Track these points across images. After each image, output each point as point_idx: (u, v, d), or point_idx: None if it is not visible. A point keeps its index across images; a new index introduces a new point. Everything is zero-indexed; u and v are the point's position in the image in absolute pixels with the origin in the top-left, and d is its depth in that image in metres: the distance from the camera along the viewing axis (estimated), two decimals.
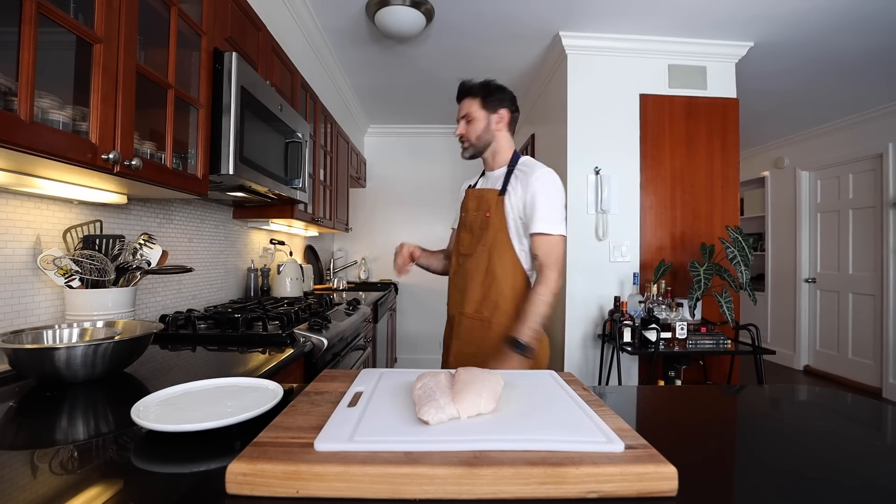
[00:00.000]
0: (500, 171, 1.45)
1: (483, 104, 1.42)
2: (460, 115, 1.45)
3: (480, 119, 1.42)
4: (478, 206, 1.43)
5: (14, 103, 0.78)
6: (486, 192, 1.42)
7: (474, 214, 1.43)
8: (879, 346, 3.93)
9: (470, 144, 1.44)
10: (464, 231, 1.47)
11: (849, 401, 0.90)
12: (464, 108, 1.44)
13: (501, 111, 1.43)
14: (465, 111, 1.43)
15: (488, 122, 1.42)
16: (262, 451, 0.50)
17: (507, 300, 1.37)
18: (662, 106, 2.87)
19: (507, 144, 1.46)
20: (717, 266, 2.55)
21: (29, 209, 1.15)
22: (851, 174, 4.26)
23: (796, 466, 0.57)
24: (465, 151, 1.47)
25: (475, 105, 1.42)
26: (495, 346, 1.33)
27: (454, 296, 1.48)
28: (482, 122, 1.42)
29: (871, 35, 2.65)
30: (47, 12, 0.81)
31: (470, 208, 1.46)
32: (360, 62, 3.19)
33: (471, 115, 1.42)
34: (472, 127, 1.42)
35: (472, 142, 1.43)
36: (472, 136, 1.43)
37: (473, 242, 1.42)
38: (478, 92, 1.43)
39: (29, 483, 0.53)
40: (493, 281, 1.38)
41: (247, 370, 1.10)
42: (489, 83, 1.45)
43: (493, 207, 1.39)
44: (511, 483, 0.46)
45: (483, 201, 1.42)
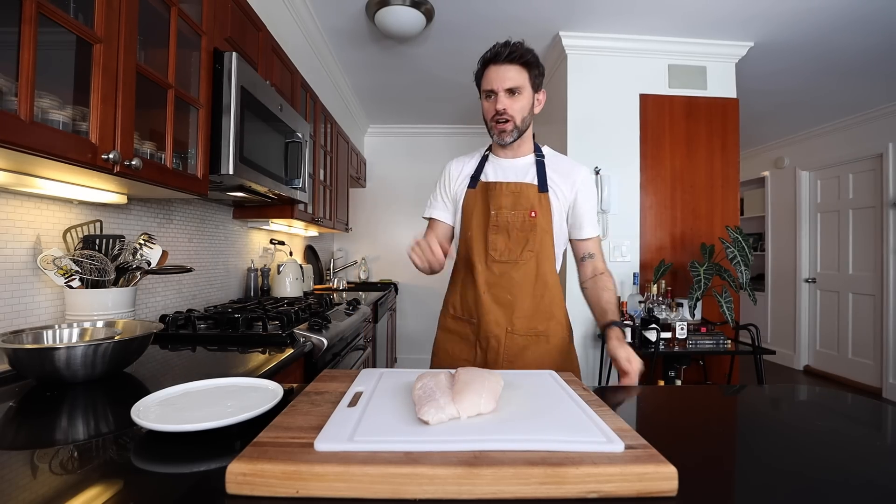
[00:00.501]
0: (525, 161, 1.26)
1: (532, 79, 1.18)
2: (503, 85, 1.15)
3: (528, 96, 1.18)
4: (515, 203, 1.21)
5: (14, 103, 0.78)
6: (525, 188, 1.21)
7: (511, 214, 1.21)
8: (879, 346, 3.93)
9: (515, 125, 1.19)
10: (495, 233, 1.22)
11: (849, 401, 0.90)
12: (511, 78, 1.15)
13: (542, 92, 1.24)
14: (515, 82, 1.15)
15: (532, 103, 1.21)
16: (262, 451, 0.50)
17: (560, 308, 1.28)
18: (662, 106, 2.87)
19: (531, 131, 1.28)
20: (717, 266, 2.55)
21: (29, 209, 1.15)
22: (851, 174, 4.25)
23: (796, 466, 0.57)
24: (505, 135, 1.19)
25: (525, 77, 1.17)
26: (556, 361, 1.22)
27: (493, 312, 1.21)
28: (528, 100, 1.19)
29: (870, 35, 2.65)
30: (47, 12, 0.81)
31: (504, 206, 1.22)
32: (360, 62, 3.19)
33: (521, 89, 1.16)
34: (518, 103, 1.17)
35: (518, 123, 1.19)
36: (519, 114, 1.18)
37: (515, 247, 1.21)
38: (532, 62, 1.18)
39: (29, 483, 0.53)
40: (545, 289, 1.23)
41: (247, 370, 1.09)
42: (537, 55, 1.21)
43: (537, 206, 1.21)
44: (511, 483, 0.46)
45: (523, 198, 1.21)
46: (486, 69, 1.18)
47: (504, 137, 1.20)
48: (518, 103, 1.17)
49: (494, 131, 1.21)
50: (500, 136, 1.21)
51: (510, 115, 1.17)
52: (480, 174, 1.29)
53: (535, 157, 1.27)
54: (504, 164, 1.28)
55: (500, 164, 1.28)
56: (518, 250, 1.22)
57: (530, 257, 1.21)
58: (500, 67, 1.15)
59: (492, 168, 1.29)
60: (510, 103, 1.17)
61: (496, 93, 1.16)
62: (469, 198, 1.28)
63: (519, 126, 1.19)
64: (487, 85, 1.18)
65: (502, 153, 1.28)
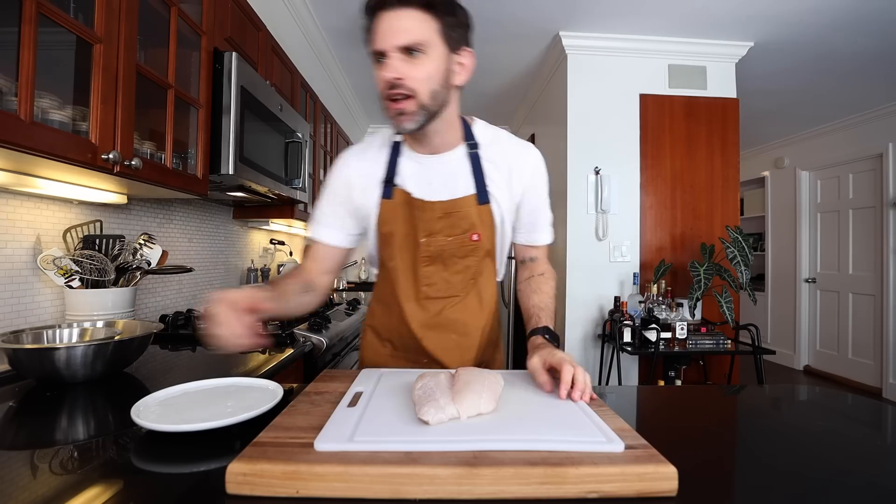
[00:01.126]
0: (454, 157, 0.92)
1: (445, 31, 0.80)
2: (395, 40, 0.77)
3: (437, 58, 0.79)
4: (451, 226, 0.92)
5: (14, 103, 0.78)
6: (461, 205, 0.91)
7: (447, 241, 0.93)
8: (879, 346, 3.93)
9: (420, 104, 0.80)
10: (428, 265, 0.95)
11: (849, 401, 0.90)
12: (406, 29, 0.77)
13: (466, 52, 0.85)
14: (413, 36, 0.77)
15: (448, 67, 0.82)
16: (262, 451, 0.50)
17: (499, 331, 1.09)
18: (662, 106, 2.87)
19: (456, 110, 0.91)
20: (717, 266, 2.55)
21: (29, 209, 1.15)
22: (851, 174, 4.25)
23: (796, 466, 0.57)
24: (405, 119, 0.81)
25: (431, 28, 0.78)
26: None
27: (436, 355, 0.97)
28: (439, 64, 0.80)
29: (870, 35, 2.65)
30: (47, 12, 0.81)
31: (437, 231, 0.92)
32: (360, 62, 3.19)
33: (423, 46, 0.77)
34: (420, 68, 0.78)
35: (424, 99, 0.80)
36: (425, 85, 0.79)
37: (455, 279, 0.96)
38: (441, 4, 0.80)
39: (29, 483, 0.53)
40: (490, 317, 1.00)
41: (247, 370, 1.10)
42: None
43: (479, 225, 0.92)
44: (511, 483, 0.46)
45: (461, 218, 0.91)
46: (373, 20, 0.80)
47: (403, 123, 0.81)
48: (421, 68, 0.78)
49: (389, 113, 0.82)
50: (397, 122, 0.81)
51: (410, 88, 0.78)
52: (395, 176, 0.93)
53: (466, 150, 0.92)
54: (426, 163, 0.92)
55: (420, 163, 0.92)
56: (460, 283, 0.96)
57: (472, 287, 0.98)
58: (391, 14, 0.77)
59: (410, 168, 0.93)
60: (407, 69, 0.78)
61: (385, 54, 0.78)
62: (386, 213, 0.93)
63: (427, 104, 0.80)
64: (374, 43, 0.79)
65: (420, 147, 0.92)
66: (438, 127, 0.87)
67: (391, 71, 0.78)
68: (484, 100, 3.97)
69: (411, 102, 0.80)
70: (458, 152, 0.93)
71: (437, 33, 0.79)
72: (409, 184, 0.93)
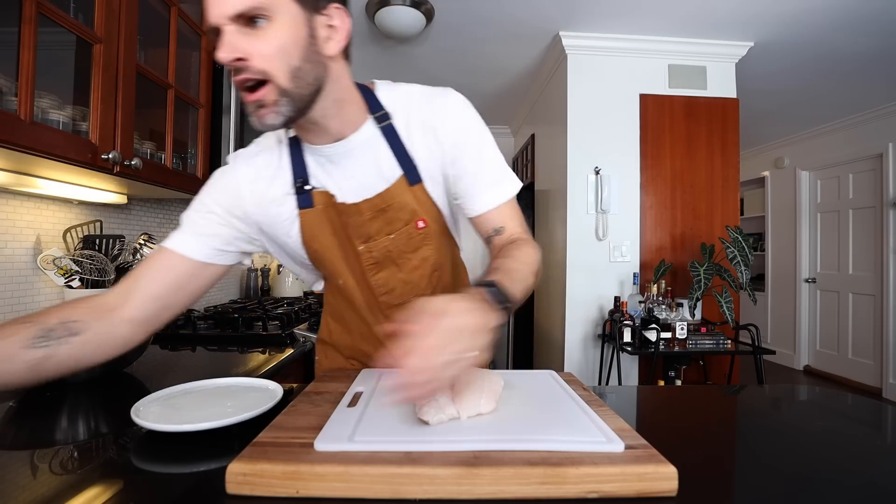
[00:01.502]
0: (362, 138, 0.75)
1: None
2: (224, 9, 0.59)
3: (289, 24, 0.61)
4: (390, 221, 0.79)
5: (14, 103, 0.78)
6: (392, 194, 0.77)
7: (390, 239, 0.80)
8: (879, 346, 3.93)
9: (280, 90, 0.62)
10: (378, 272, 0.83)
11: (849, 401, 0.90)
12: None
13: (334, 9, 0.66)
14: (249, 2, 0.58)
15: (310, 32, 0.63)
16: (262, 451, 0.50)
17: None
18: (662, 106, 2.87)
19: (348, 83, 0.73)
20: (717, 266, 2.55)
21: (29, 209, 1.15)
22: (851, 174, 4.26)
23: (796, 466, 0.58)
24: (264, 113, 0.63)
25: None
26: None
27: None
28: (294, 31, 0.62)
29: (870, 35, 2.65)
30: (47, 12, 0.81)
31: (374, 233, 0.79)
32: (360, 62, 3.19)
33: (265, 10, 0.59)
34: (268, 41, 0.60)
35: (284, 82, 0.62)
36: (281, 62, 0.61)
37: (415, 276, 0.84)
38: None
39: (29, 483, 0.53)
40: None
41: (247, 370, 1.10)
42: None
43: (421, 209, 0.79)
44: (511, 483, 0.46)
45: (398, 209, 0.78)
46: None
47: (265, 118, 0.64)
48: (267, 41, 0.60)
49: (250, 114, 0.65)
50: (257, 118, 0.64)
51: (259, 71, 0.61)
52: (308, 178, 0.77)
53: (376, 125, 0.75)
54: (332, 155, 0.75)
55: (325, 156, 0.76)
56: (421, 279, 0.84)
57: (437, 277, 0.86)
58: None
59: (318, 165, 0.77)
60: (249, 44, 0.60)
61: (219, 29, 0.60)
62: (311, 226, 0.78)
63: (289, 88, 0.62)
64: (206, 17, 0.61)
65: (316, 138, 0.74)
66: (327, 109, 0.69)
67: (227, 50, 0.59)
68: (484, 100, 3.97)
69: (269, 90, 0.62)
70: (367, 131, 0.75)
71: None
72: (324, 183, 0.77)
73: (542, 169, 3.54)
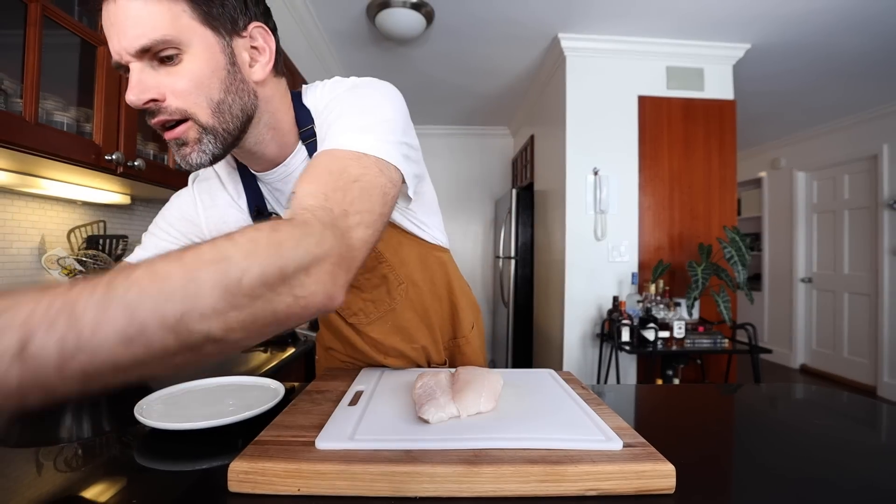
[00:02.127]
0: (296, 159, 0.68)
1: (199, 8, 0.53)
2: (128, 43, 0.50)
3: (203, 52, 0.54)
4: None
5: (19, 105, 0.79)
6: None
7: None
8: (874, 345, 3.95)
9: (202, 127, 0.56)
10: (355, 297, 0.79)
11: (844, 399, 0.91)
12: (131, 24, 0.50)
13: (256, 28, 0.60)
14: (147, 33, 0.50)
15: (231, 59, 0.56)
16: (264, 449, 0.51)
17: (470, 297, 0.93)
18: (660, 107, 2.88)
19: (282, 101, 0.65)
20: (714, 266, 2.56)
21: (34, 209, 1.16)
22: (847, 175, 4.27)
23: (792, 464, 0.58)
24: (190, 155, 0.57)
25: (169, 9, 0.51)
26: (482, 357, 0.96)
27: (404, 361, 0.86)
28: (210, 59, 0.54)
29: (864, 37, 2.66)
30: (52, 15, 0.82)
31: None
32: (361, 63, 3.20)
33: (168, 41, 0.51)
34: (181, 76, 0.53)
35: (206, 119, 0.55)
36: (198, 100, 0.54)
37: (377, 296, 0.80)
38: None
39: (34, 480, 0.53)
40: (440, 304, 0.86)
41: (248, 369, 1.10)
42: None
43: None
44: (511, 481, 0.47)
45: None
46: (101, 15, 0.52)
47: (189, 157, 0.57)
48: (184, 77, 0.53)
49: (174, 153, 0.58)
50: (181, 157, 0.57)
51: (177, 110, 0.54)
52: (265, 204, 0.72)
53: (302, 143, 0.67)
54: (273, 181, 0.70)
55: (269, 182, 0.70)
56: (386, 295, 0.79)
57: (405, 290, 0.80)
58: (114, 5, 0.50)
59: (268, 192, 0.72)
60: (162, 81, 0.53)
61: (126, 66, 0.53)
62: None
63: (212, 125, 0.56)
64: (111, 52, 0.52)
65: (256, 165, 0.69)
66: (260, 136, 0.63)
67: (136, 91, 0.51)
68: (483, 101, 3.97)
69: (189, 126, 0.55)
70: (299, 153, 0.67)
71: (191, 16, 0.52)
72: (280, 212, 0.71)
73: (542, 169, 3.55)
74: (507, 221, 3.79)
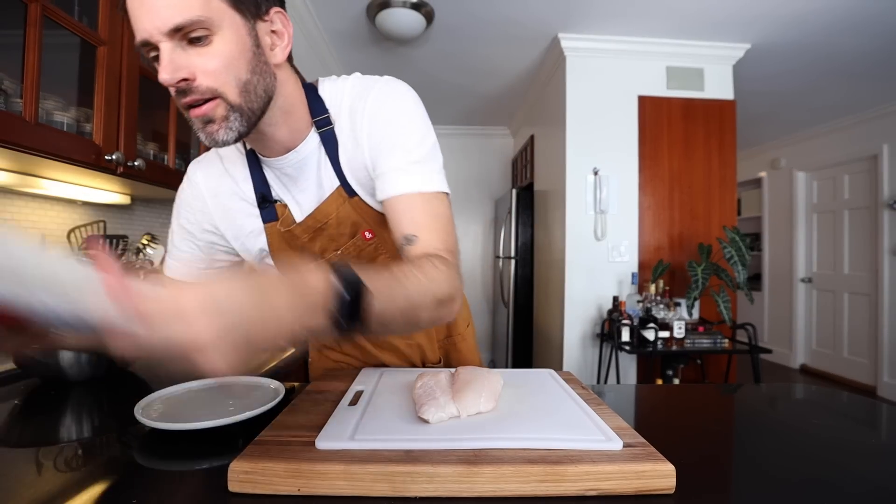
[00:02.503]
0: (307, 149, 0.70)
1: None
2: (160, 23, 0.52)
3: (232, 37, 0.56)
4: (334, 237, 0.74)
5: (19, 105, 0.79)
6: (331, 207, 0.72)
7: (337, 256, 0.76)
8: (874, 345, 3.95)
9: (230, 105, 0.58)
10: None
11: (844, 399, 0.91)
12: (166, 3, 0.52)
13: (276, 14, 0.63)
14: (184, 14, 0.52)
15: (256, 41, 0.59)
16: (264, 449, 0.51)
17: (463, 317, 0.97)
18: (660, 107, 2.88)
19: (294, 89, 0.68)
20: (714, 266, 2.56)
21: (34, 209, 1.16)
22: (847, 175, 4.27)
23: (792, 464, 0.58)
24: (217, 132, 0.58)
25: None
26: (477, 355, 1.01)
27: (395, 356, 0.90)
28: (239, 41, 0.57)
29: (864, 37, 2.66)
30: (52, 15, 0.82)
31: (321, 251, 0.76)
32: (361, 64, 3.20)
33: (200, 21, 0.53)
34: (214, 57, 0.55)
35: (234, 98, 0.58)
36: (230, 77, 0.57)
37: None
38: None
39: (34, 480, 0.53)
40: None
41: (248, 369, 1.10)
42: None
43: (364, 220, 0.73)
44: (511, 481, 0.47)
45: (340, 224, 0.73)
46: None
47: (216, 135, 0.59)
48: (213, 57, 0.55)
49: (193, 125, 0.60)
50: (206, 135, 0.59)
51: (208, 89, 0.56)
52: (270, 192, 0.74)
53: (316, 131, 0.70)
54: (284, 167, 0.71)
55: (277, 169, 0.72)
56: None
57: None
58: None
59: (276, 179, 0.74)
60: (193, 61, 0.55)
61: (154, 46, 0.54)
62: (275, 242, 0.75)
63: (239, 103, 0.58)
64: (135, 31, 0.54)
65: (266, 150, 0.70)
66: (273, 118, 0.65)
67: (169, 70, 0.53)
68: (483, 101, 3.97)
69: (217, 104, 0.57)
70: (312, 140, 0.69)
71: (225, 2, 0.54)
72: (286, 199, 0.73)
73: (542, 169, 3.55)
74: (507, 221, 3.79)
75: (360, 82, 0.71)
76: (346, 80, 0.71)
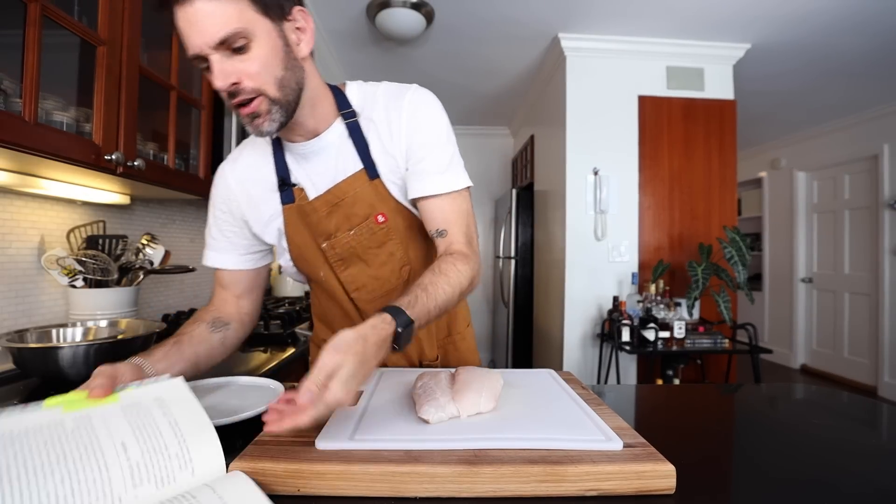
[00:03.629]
0: (332, 136, 0.79)
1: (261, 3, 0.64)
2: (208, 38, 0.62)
3: (268, 42, 0.65)
4: (347, 216, 0.81)
5: (18, 105, 0.79)
6: (349, 187, 0.80)
7: (350, 236, 0.81)
8: (875, 345, 3.95)
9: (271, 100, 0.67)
10: (345, 268, 0.85)
11: (845, 399, 0.91)
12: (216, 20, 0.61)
13: (298, 12, 0.70)
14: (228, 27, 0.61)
15: (284, 41, 0.68)
16: (264, 449, 0.51)
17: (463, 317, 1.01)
18: (661, 107, 2.88)
19: (319, 81, 0.77)
20: (714, 266, 2.56)
21: (33, 209, 1.16)
22: (847, 175, 4.27)
23: (792, 464, 0.58)
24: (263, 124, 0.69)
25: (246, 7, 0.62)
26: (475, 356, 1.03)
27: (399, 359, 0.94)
28: (273, 47, 0.66)
29: (865, 37, 2.66)
30: (51, 15, 0.82)
31: (333, 230, 0.82)
32: (361, 64, 3.20)
33: (246, 34, 0.63)
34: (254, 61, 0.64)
35: (274, 93, 0.67)
36: (269, 77, 0.66)
37: (383, 274, 0.85)
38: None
39: None
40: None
41: (248, 369, 1.10)
42: None
43: (380, 203, 0.81)
44: (510, 481, 0.47)
45: (354, 203, 0.80)
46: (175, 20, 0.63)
47: (262, 127, 0.69)
48: (253, 61, 0.64)
49: (242, 120, 0.70)
50: (254, 128, 0.70)
51: (253, 90, 0.66)
52: (289, 175, 0.82)
53: (343, 122, 0.79)
54: (305, 152, 0.80)
55: (299, 154, 0.80)
56: (392, 274, 0.85)
57: (407, 272, 0.86)
58: (188, 8, 0.61)
59: (295, 162, 0.82)
60: (238, 67, 0.64)
61: (204, 58, 0.64)
62: (291, 222, 0.83)
63: (278, 97, 0.68)
64: (188, 47, 0.64)
65: (294, 136, 0.79)
66: (303, 107, 0.74)
67: (222, 78, 0.64)
68: (483, 101, 3.98)
69: (261, 101, 0.67)
70: (336, 129, 0.79)
71: (252, 9, 0.63)
72: (302, 180, 0.82)
73: (542, 169, 3.55)
74: (507, 221, 3.79)
75: (393, 86, 0.82)
76: (378, 85, 0.82)
